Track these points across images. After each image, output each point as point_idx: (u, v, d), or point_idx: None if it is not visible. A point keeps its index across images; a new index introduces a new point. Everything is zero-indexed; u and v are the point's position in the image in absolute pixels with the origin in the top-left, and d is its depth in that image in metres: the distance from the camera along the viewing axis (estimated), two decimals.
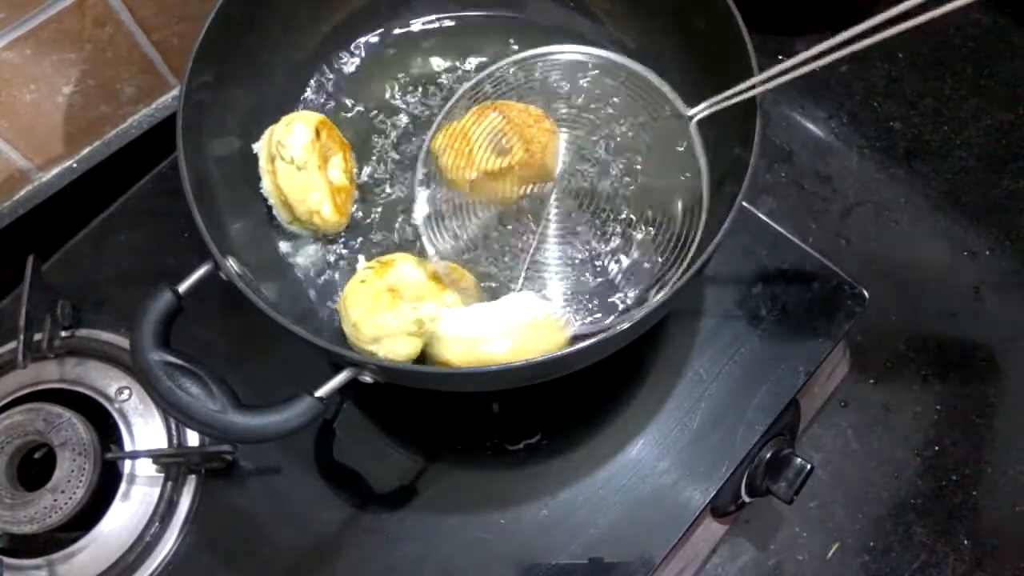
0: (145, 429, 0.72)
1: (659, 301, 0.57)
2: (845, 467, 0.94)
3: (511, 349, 0.59)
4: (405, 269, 0.64)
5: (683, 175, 0.66)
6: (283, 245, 0.71)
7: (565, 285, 0.67)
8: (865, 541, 0.91)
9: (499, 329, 0.60)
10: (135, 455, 0.70)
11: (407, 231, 0.72)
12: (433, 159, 0.70)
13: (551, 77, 0.72)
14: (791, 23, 1.04)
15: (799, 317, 0.77)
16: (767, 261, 0.79)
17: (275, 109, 0.72)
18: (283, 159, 0.66)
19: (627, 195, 0.70)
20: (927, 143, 1.03)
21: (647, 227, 0.68)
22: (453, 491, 0.71)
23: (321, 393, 0.55)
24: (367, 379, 0.57)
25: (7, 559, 0.68)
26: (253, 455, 0.72)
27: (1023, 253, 0.99)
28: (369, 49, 0.79)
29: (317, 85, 0.77)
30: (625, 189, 0.70)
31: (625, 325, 0.55)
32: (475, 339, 0.60)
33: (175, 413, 0.54)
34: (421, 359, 0.64)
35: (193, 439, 0.73)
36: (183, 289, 0.57)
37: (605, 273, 0.67)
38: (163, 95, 0.87)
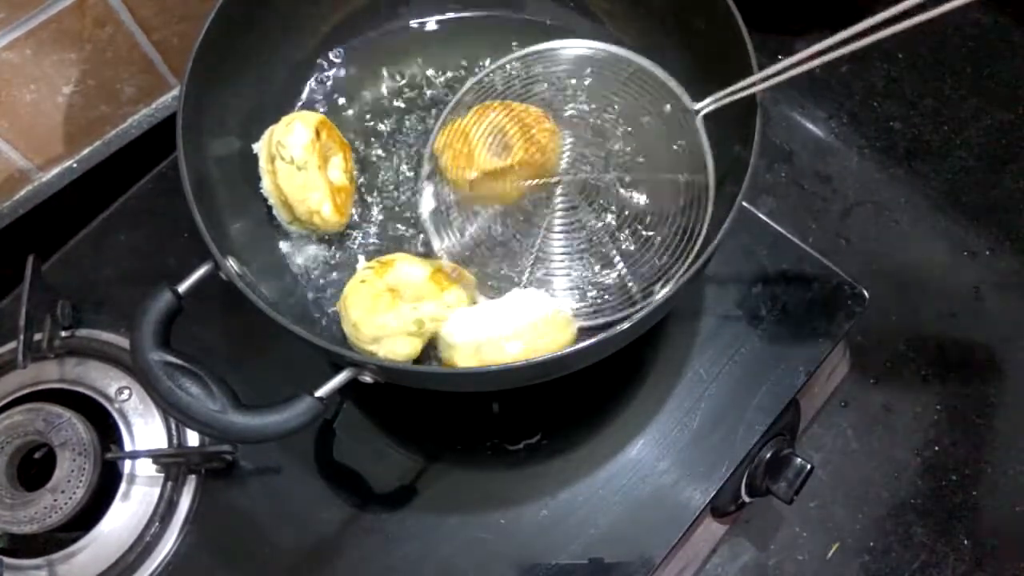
0: (145, 429, 0.72)
1: (659, 301, 0.57)
2: (845, 467, 0.94)
3: (522, 351, 0.59)
4: (405, 269, 0.64)
5: (687, 170, 0.65)
6: (283, 245, 0.71)
7: (570, 280, 0.67)
8: (865, 541, 0.91)
9: (509, 331, 0.59)
10: (135, 455, 0.70)
11: (407, 231, 0.72)
12: (435, 157, 0.71)
13: (555, 73, 0.72)
14: (791, 23, 1.04)
15: (799, 317, 0.77)
16: (767, 261, 0.79)
17: (275, 109, 0.72)
18: (283, 159, 0.66)
19: (631, 190, 0.70)
20: (927, 143, 1.03)
21: (651, 222, 0.68)
22: (453, 491, 0.71)
23: (321, 393, 0.55)
24: (367, 379, 0.57)
25: (7, 559, 0.68)
26: (253, 455, 0.72)
27: (1023, 253, 0.99)
28: (369, 49, 0.79)
29: (317, 85, 0.77)
30: (628, 184, 0.70)
31: (625, 325, 0.55)
32: (487, 343, 0.59)
33: (175, 413, 0.54)
34: (421, 359, 0.64)
35: (193, 439, 0.73)
36: (183, 289, 0.57)
37: (610, 267, 0.67)
38: (163, 95, 0.87)
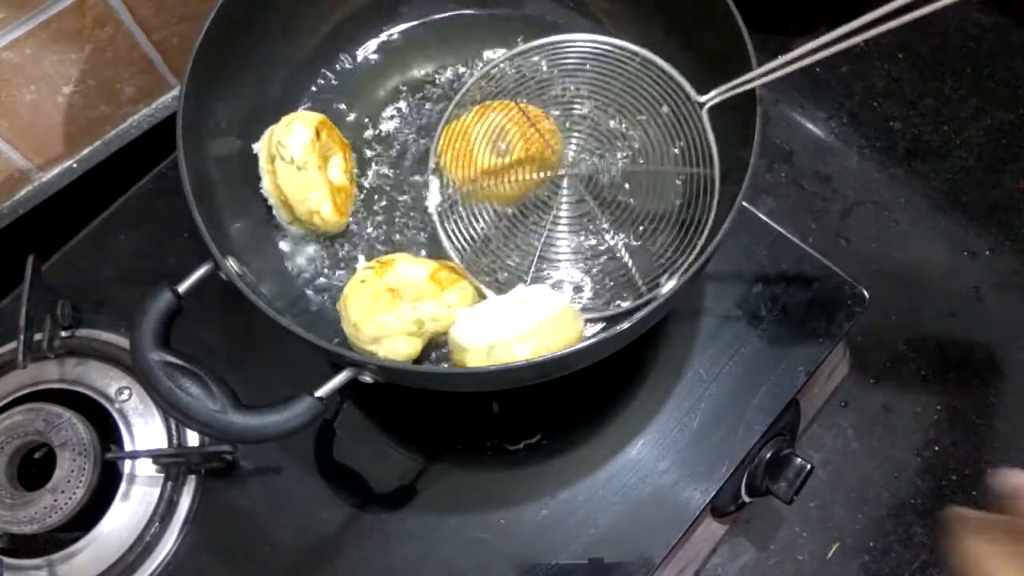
0: (145, 429, 0.72)
1: (660, 301, 0.57)
2: (845, 467, 0.93)
3: (533, 350, 0.58)
4: (405, 269, 0.64)
5: (692, 163, 0.65)
6: (283, 245, 0.71)
7: (576, 275, 0.67)
8: (865, 541, 0.91)
9: (519, 331, 0.59)
10: (135, 455, 0.70)
11: (407, 231, 0.72)
12: (438, 157, 0.71)
13: (558, 67, 0.72)
14: (791, 23, 1.04)
15: (799, 317, 0.77)
16: (767, 261, 0.79)
17: (275, 109, 0.72)
18: (283, 159, 0.66)
19: (635, 184, 0.70)
20: (927, 143, 1.03)
21: (656, 215, 0.68)
22: (453, 491, 0.71)
23: (321, 393, 0.55)
24: (367, 379, 0.57)
25: (7, 559, 0.68)
26: (253, 455, 0.72)
27: (1023, 253, 0.99)
28: (369, 48, 0.79)
29: (317, 85, 0.77)
30: (633, 178, 0.70)
31: (625, 325, 0.55)
32: (499, 345, 0.59)
33: (175, 413, 0.54)
34: (421, 359, 0.64)
35: (193, 439, 0.73)
36: (183, 289, 0.57)
37: (615, 260, 0.67)
38: (163, 95, 0.87)
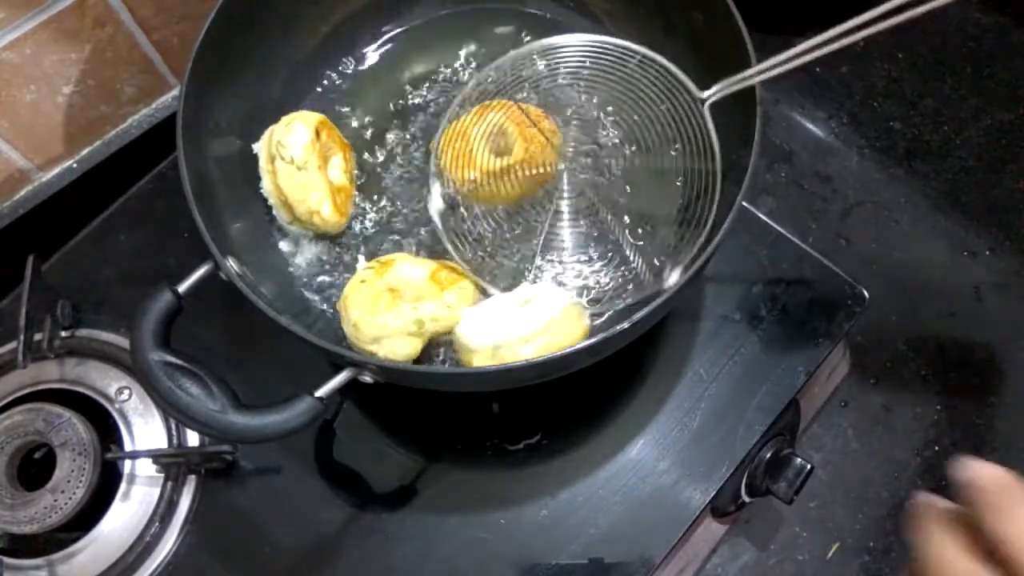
0: (145, 429, 0.72)
1: (663, 298, 0.56)
2: (845, 467, 0.93)
3: (540, 349, 0.58)
4: (405, 269, 0.64)
5: (694, 159, 0.65)
6: (283, 245, 0.71)
7: (580, 271, 0.67)
8: (865, 541, 0.91)
9: (525, 331, 0.59)
10: (135, 455, 0.70)
11: (407, 231, 0.72)
12: (438, 157, 0.71)
13: (559, 66, 0.72)
14: (791, 23, 1.04)
15: (799, 317, 0.77)
16: (767, 261, 0.79)
17: (275, 109, 0.72)
18: (283, 159, 0.66)
19: (637, 180, 0.70)
20: (927, 143, 1.03)
21: (658, 212, 0.68)
22: (453, 491, 0.71)
23: (321, 393, 0.55)
24: (367, 379, 0.57)
25: (7, 559, 0.68)
26: (253, 455, 0.72)
27: (1023, 253, 0.99)
28: (370, 48, 0.79)
29: (317, 85, 0.77)
30: (634, 174, 0.70)
31: (625, 325, 0.55)
32: (504, 345, 0.59)
33: (175, 413, 0.54)
34: (421, 359, 0.64)
35: (193, 439, 0.73)
36: (183, 289, 0.57)
37: (619, 256, 0.67)
38: (163, 95, 0.87)
